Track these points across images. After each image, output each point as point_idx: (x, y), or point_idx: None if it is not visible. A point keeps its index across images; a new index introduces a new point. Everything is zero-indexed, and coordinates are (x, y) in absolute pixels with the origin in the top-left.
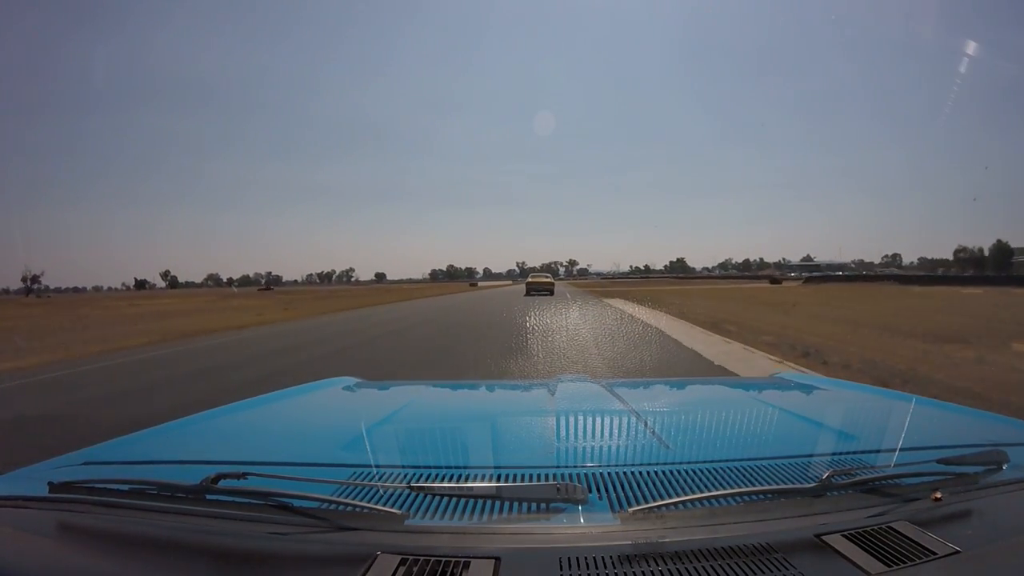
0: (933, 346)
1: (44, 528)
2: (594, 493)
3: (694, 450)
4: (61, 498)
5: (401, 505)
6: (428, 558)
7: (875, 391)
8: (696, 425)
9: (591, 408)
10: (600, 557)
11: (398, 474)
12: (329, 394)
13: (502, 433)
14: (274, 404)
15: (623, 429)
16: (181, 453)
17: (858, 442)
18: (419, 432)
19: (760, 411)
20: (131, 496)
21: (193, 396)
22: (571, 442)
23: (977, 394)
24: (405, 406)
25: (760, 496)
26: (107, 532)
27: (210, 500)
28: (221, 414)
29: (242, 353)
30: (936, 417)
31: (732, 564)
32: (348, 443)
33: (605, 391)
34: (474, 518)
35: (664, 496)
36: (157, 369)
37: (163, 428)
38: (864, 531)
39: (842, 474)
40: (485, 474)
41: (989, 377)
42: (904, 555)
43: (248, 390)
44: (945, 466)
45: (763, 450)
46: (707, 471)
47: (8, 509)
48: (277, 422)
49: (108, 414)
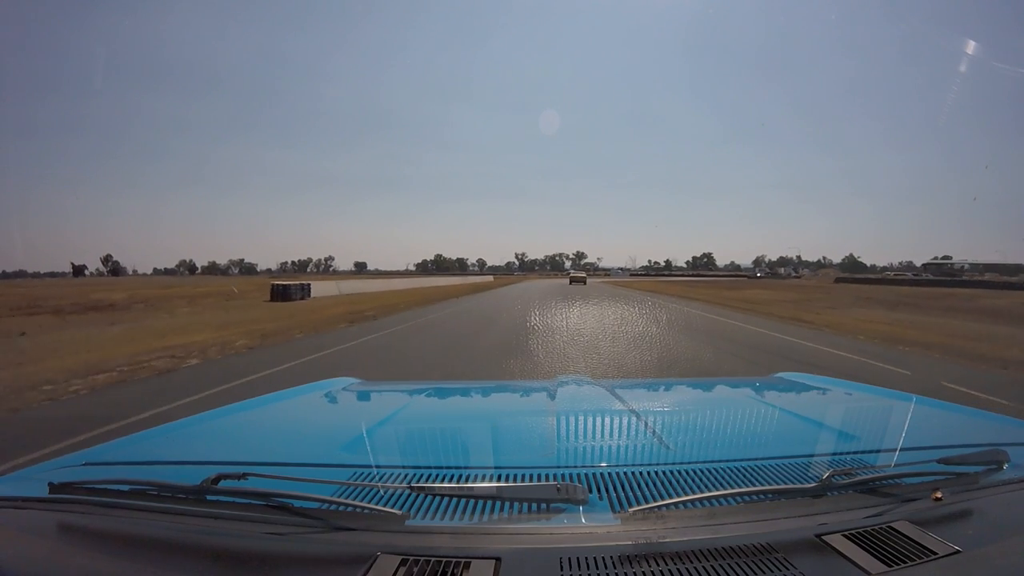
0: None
1: (44, 529)
2: (594, 493)
3: (694, 450)
4: (61, 499)
5: (401, 505)
6: (428, 558)
7: (875, 391)
8: (696, 425)
9: (591, 408)
10: (600, 557)
11: (398, 474)
12: (329, 394)
13: (502, 433)
14: (274, 405)
15: (623, 429)
16: (181, 454)
17: (858, 442)
18: (419, 432)
19: (760, 411)
20: (131, 497)
21: None
22: (571, 442)
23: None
24: (405, 406)
25: (760, 496)
26: (107, 533)
27: (210, 501)
28: (221, 415)
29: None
30: (936, 417)
31: (732, 564)
32: (348, 443)
33: (605, 391)
34: (474, 518)
35: (664, 496)
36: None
37: (163, 429)
38: (864, 531)
39: (842, 474)
40: (485, 474)
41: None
42: (905, 555)
43: None
44: (945, 466)
45: (763, 450)
46: (707, 471)
47: (9, 510)
48: (277, 423)
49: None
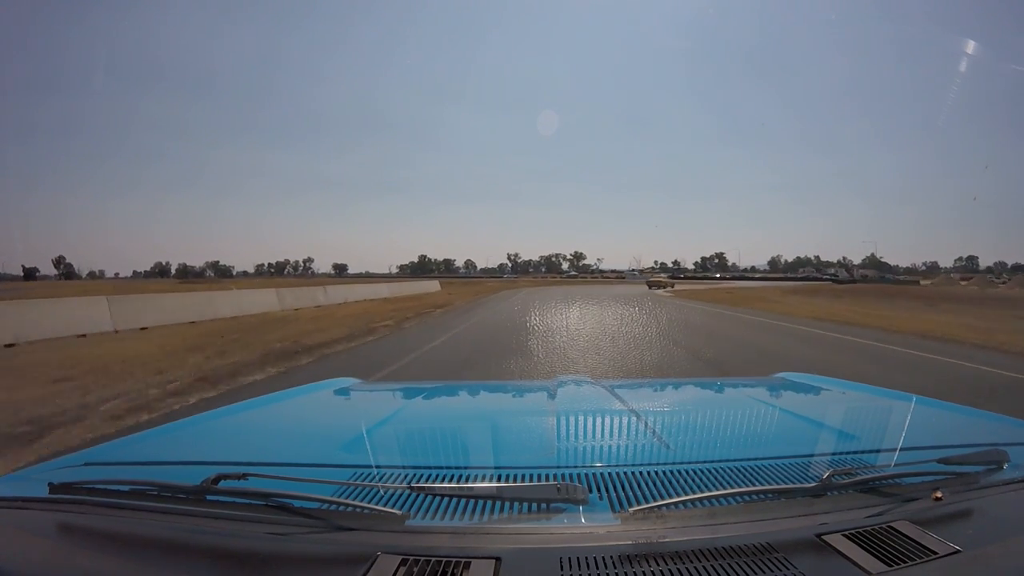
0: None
1: (45, 529)
2: (594, 493)
3: (694, 450)
4: (61, 499)
5: (401, 505)
6: (429, 558)
7: (875, 391)
8: (696, 425)
9: (591, 408)
10: (601, 557)
11: (398, 474)
12: (329, 395)
13: (502, 433)
14: (274, 405)
15: (623, 429)
16: (181, 454)
17: (858, 442)
18: (419, 432)
19: (760, 411)
20: (131, 497)
21: None
22: (571, 442)
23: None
24: (405, 406)
25: (761, 496)
26: (107, 533)
27: (210, 501)
28: (221, 415)
29: None
30: (936, 417)
31: (733, 564)
32: (348, 443)
33: (605, 391)
34: (475, 518)
35: (664, 496)
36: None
37: (163, 429)
38: (865, 531)
39: (843, 474)
40: (485, 474)
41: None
42: (905, 555)
43: None
44: (945, 466)
45: (763, 450)
46: (707, 471)
47: (9, 510)
48: (277, 423)
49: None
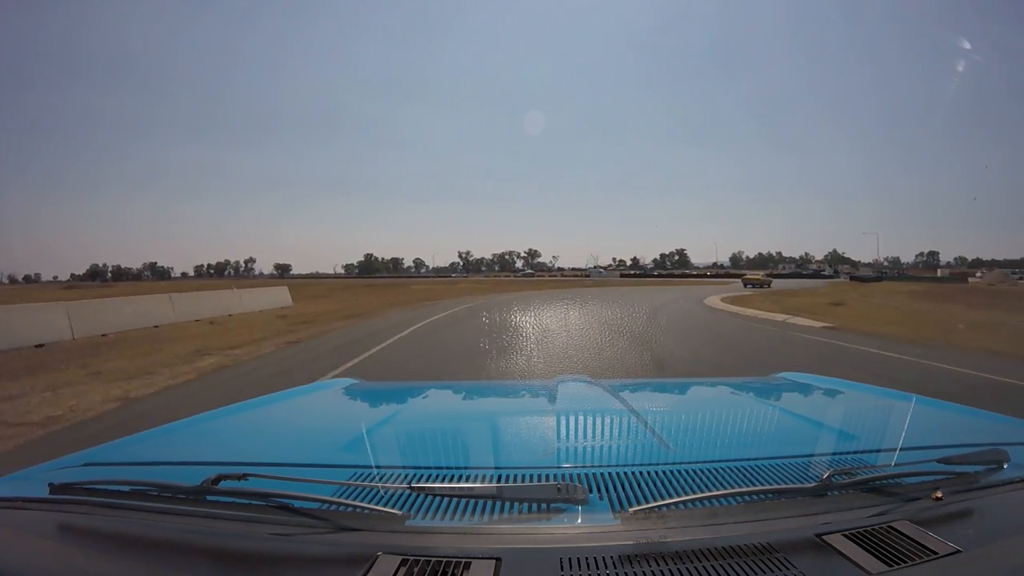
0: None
1: (44, 529)
2: (595, 493)
3: (694, 450)
4: (62, 499)
5: (402, 506)
6: (429, 558)
7: (875, 391)
8: (696, 425)
9: (591, 408)
10: (601, 557)
11: (399, 474)
12: (329, 395)
13: (502, 433)
14: (274, 405)
15: (623, 429)
16: (181, 454)
17: (859, 442)
18: (419, 433)
19: (761, 411)
20: (131, 497)
21: None
22: (571, 442)
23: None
24: (405, 406)
25: (761, 496)
26: (107, 533)
27: (210, 501)
28: (221, 415)
29: None
30: (936, 417)
31: (733, 564)
32: (348, 444)
33: (606, 391)
34: (475, 518)
35: (665, 496)
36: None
37: (164, 429)
38: (865, 531)
39: (843, 474)
40: (486, 474)
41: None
42: (905, 555)
43: None
44: (946, 465)
45: (764, 450)
46: (708, 471)
47: (9, 510)
48: (277, 423)
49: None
